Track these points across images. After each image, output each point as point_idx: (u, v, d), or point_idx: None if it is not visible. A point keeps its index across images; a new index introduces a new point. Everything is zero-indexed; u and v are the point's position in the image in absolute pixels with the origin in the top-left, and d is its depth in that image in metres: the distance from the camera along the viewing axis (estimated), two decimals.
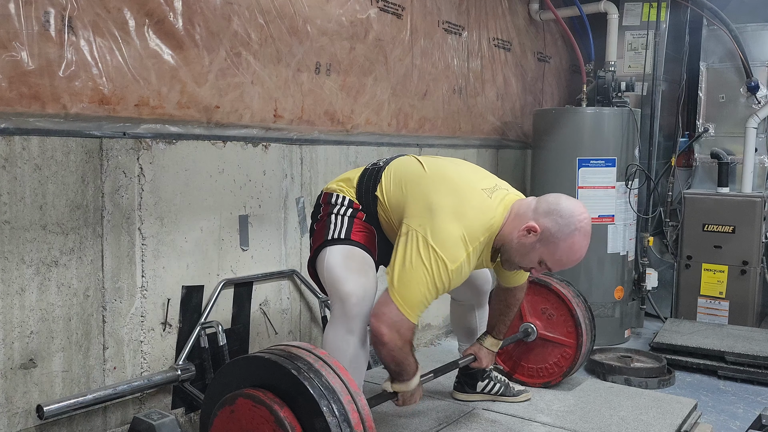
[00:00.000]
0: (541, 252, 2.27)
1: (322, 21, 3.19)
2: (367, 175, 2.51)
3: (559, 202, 2.27)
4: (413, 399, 2.41)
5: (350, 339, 2.32)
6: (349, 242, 2.40)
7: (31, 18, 2.16)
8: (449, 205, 2.26)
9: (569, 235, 2.22)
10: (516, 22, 4.87)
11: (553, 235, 2.23)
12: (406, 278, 2.20)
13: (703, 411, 3.20)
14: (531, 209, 2.29)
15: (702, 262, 4.76)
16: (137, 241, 2.58)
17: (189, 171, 2.75)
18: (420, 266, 2.19)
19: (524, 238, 2.27)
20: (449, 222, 2.23)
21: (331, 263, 2.36)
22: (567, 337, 3.12)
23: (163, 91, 2.56)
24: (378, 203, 2.44)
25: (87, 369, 2.47)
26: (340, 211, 2.46)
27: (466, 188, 2.34)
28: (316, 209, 2.57)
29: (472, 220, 2.26)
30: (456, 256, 2.21)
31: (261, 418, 1.85)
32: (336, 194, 2.50)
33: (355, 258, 2.38)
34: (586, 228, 2.25)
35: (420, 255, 2.20)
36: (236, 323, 3.03)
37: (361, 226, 2.45)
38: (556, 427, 2.72)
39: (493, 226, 2.29)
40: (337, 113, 3.37)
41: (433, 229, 2.22)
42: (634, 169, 4.38)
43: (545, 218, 2.24)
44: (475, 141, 4.56)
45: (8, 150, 2.19)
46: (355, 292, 2.29)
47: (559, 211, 2.23)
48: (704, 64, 5.03)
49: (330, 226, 2.43)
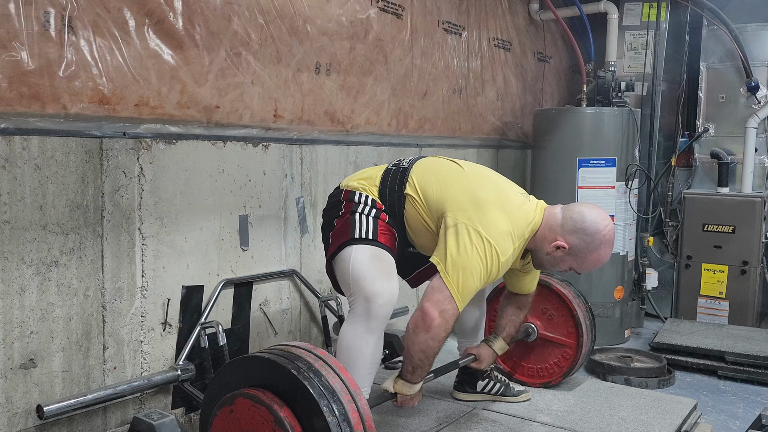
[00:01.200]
0: (570, 262, 2.44)
1: (322, 21, 3.19)
2: (391, 175, 2.53)
3: (584, 219, 2.38)
4: (412, 402, 2.45)
5: (369, 338, 2.33)
6: (376, 243, 2.42)
7: (31, 18, 2.16)
8: (496, 200, 2.37)
9: (596, 250, 2.38)
10: (516, 22, 4.87)
11: (581, 251, 2.39)
12: (461, 266, 2.26)
13: (703, 411, 3.20)
14: (558, 224, 2.41)
15: (702, 262, 4.76)
16: (137, 241, 2.58)
17: (189, 171, 2.75)
18: (475, 255, 2.26)
19: (554, 253, 2.41)
20: (498, 215, 2.32)
21: (359, 261, 2.37)
22: (567, 337, 3.12)
23: (163, 91, 2.56)
24: (407, 201, 2.47)
25: (87, 369, 2.47)
26: (364, 210, 2.47)
27: (507, 188, 2.49)
28: (336, 205, 2.55)
29: (518, 218, 2.37)
30: (506, 248, 2.31)
31: (260, 417, 1.85)
32: (359, 193, 2.50)
33: (383, 260, 2.40)
34: (611, 238, 2.39)
35: (474, 244, 2.27)
36: (236, 323, 3.03)
37: (385, 229, 2.47)
38: (556, 427, 2.72)
39: (534, 227, 2.41)
40: (337, 113, 3.36)
41: (483, 221, 2.30)
42: (634, 169, 4.38)
43: (572, 236, 2.38)
44: (475, 141, 4.56)
45: (8, 150, 2.19)
46: (382, 293, 2.30)
47: (585, 229, 2.37)
48: (704, 64, 5.04)
49: (355, 225, 2.44)
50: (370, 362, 2.35)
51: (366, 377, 2.36)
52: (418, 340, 2.30)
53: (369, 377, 2.39)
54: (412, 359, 2.34)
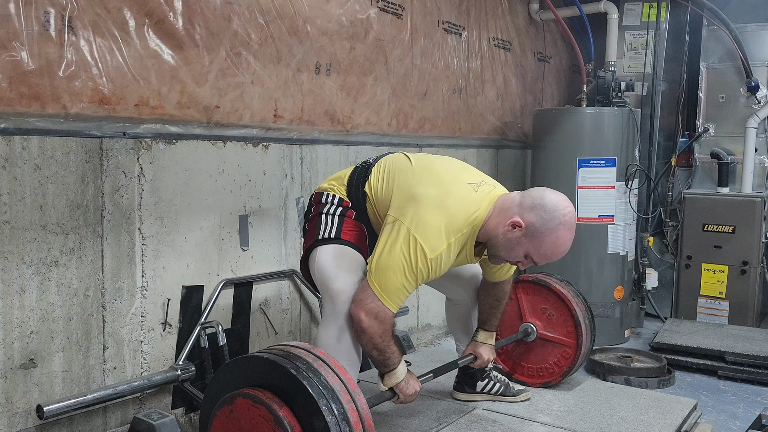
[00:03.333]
0: (526, 246, 2.29)
1: (322, 21, 3.19)
2: (357, 173, 2.53)
3: (543, 196, 2.29)
4: (409, 390, 2.38)
5: (343, 337, 2.32)
6: (339, 241, 2.42)
7: (31, 18, 2.16)
8: (433, 196, 2.29)
9: (554, 230, 2.24)
10: (516, 22, 4.87)
11: (537, 230, 2.25)
12: (384, 265, 2.22)
13: (703, 411, 3.20)
14: (516, 204, 2.30)
15: (702, 262, 4.76)
16: (137, 241, 2.58)
17: (189, 171, 2.75)
18: (398, 254, 2.21)
19: (510, 233, 2.28)
20: (432, 212, 2.25)
21: (322, 262, 2.38)
22: (567, 337, 3.12)
23: (163, 91, 2.57)
24: (366, 199, 2.46)
25: (87, 369, 2.47)
26: (330, 210, 2.48)
27: (451, 181, 2.37)
28: (308, 209, 2.60)
29: (456, 212, 2.28)
30: (435, 245, 2.23)
31: (260, 417, 1.85)
32: (327, 193, 2.52)
33: (345, 257, 2.40)
34: (571, 221, 2.27)
35: (399, 243, 2.22)
36: (236, 323, 3.03)
37: (351, 225, 2.46)
38: (556, 427, 2.72)
39: (477, 219, 2.31)
40: (337, 113, 3.37)
41: (415, 218, 2.24)
42: (634, 169, 4.38)
43: (530, 213, 2.26)
44: (475, 141, 4.56)
45: (8, 150, 2.19)
46: (345, 289, 2.30)
47: (544, 205, 2.25)
48: (704, 64, 5.03)
49: (321, 226, 2.45)
50: (347, 360, 2.31)
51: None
52: (363, 342, 2.29)
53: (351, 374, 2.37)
54: (371, 356, 2.33)
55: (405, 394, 2.37)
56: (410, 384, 2.39)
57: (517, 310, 3.21)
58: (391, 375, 2.36)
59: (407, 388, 2.38)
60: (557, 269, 3.92)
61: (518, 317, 3.21)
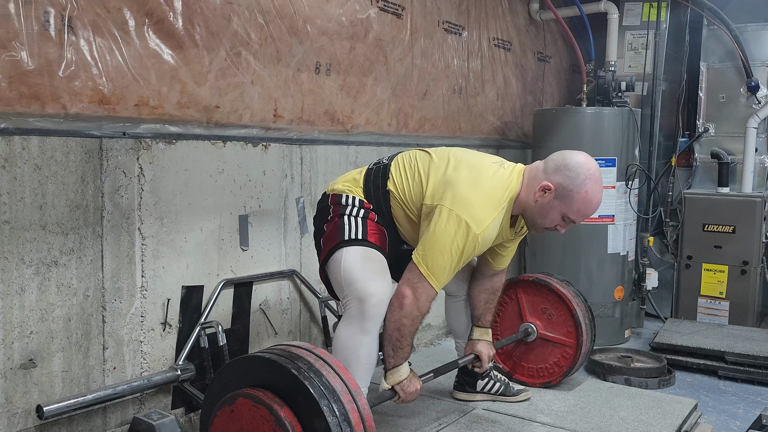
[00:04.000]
0: (560, 208, 2.39)
1: (322, 21, 3.19)
2: (373, 174, 2.56)
3: (565, 157, 2.40)
4: (410, 388, 2.41)
5: (364, 339, 2.33)
6: (367, 243, 2.43)
7: (31, 18, 2.16)
8: (466, 177, 2.39)
9: (582, 185, 2.34)
10: (516, 22, 4.87)
11: (567, 189, 2.35)
12: (430, 246, 2.30)
13: (704, 411, 3.20)
14: (540, 171, 2.42)
15: (702, 262, 4.76)
16: (137, 241, 2.58)
17: (189, 171, 2.75)
18: (444, 233, 2.29)
19: (541, 199, 2.39)
20: (470, 191, 2.34)
21: (350, 263, 2.38)
22: (567, 337, 3.12)
23: (162, 91, 2.56)
24: (391, 197, 2.49)
25: (87, 369, 2.47)
26: (352, 212, 2.48)
27: (477, 162, 2.48)
28: (324, 210, 2.56)
29: (492, 189, 2.38)
30: (480, 219, 2.30)
31: (261, 418, 1.85)
32: (346, 194, 2.52)
33: (374, 260, 2.41)
34: (596, 175, 2.38)
35: (443, 223, 2.30)
36: (236, 323, 3.03)
37: (375, 228, 2.48)
38: (556, 427, 2.72)
39: (512, 191, 2.41)
40: (337, 113, 3.36)
41: (455, 199, 2.32)
42: (634, 169, 4.38)
43: (555, 175, 2.37)
44: (475, 141, 4.56)
45: (8, 150, 2.19)
46: (375, 293, 2.31)
47: (567, 164, 2.36)
48: (704, 64, 5.03)
49: (345, 227, 2.45)
50: (365, 363, 2.35)
51: (363, 378, 2.35)
52: (393, 318, 2.33)
53: (366, 378, 2.39)
54: (390, 339, 2.36)
55: (406, 392, 2.40)
56: (412, 382, 2.43)
57: (517, 310, 3.21)
58: (395, 372, 2.39)
59: (409, 386, 2.41)
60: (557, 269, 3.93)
61: (518, 317, 3.21)
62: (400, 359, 2.39)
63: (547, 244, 4.41)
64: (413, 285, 2.31)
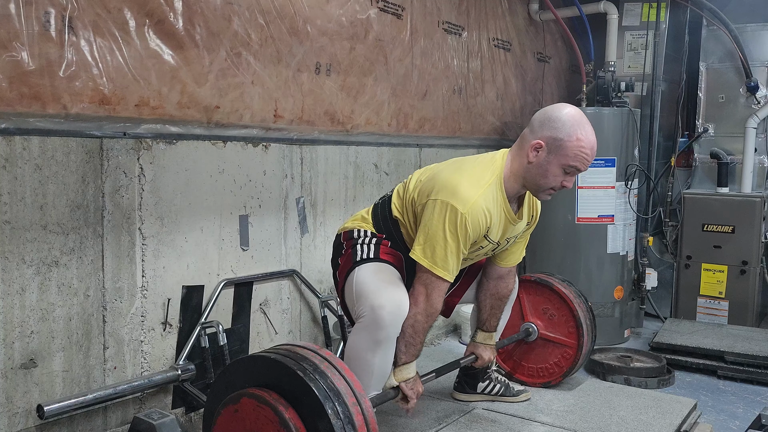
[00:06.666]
0: (557, 160, 2.36)
1: (322, 21, 3.19)
2: (380, 207, 2.62)
3: (546, 111, 2.42)
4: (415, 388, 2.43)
5: (376, 349, 2.31)
6: (378, 260, 2.45)
7: (31, 18, 2.16)
8: (449, 167, 2.45)
9: (571, 131, 2.32)
10: (516, 22, 4.87)
11: (557, 139, 2.33)
12: (426, 238, 2.33)
13: (703, 411, 3.20)
14: (526, 135, 2.43)
15: (702, 262, 4.76)
16: (137, 241, 2.58)
17: (189, 171, 2.75)
18: (434, 221, 2.31)
19: (536, 159, 2.37)
20: (452, 176, 2.37)
21: (362, 278, 2.39)
22: (568, 337, 3.12)
23: (163, 91, 2.56)
24: (399, 224, 2.53)
25: (87, 369, 2.47)
26: (365, 240, 2.52)
27: (461, 159, 2.55)
28: (338, 248, 2.61)
29: (473, 167, 2.42)
30: (465, 198, 2.30)
31: (265, 418, 1.85)
32: (357, 229, 2.57)
33: (386, 272, 2.43)
34: (582, 118, 2.36)
35: (431, 212, 2.32)
36: (236, 323, 3.03)
37: (389, 251, 2.51)
38: (556, 427, 2.72)
39: (496, 166, 2.42)
40: (337, 113, 3.37)
41: (439, 189, 2.34)
42: (634, 169, 4.38)
43: (542, 131, 2.37)
44: (475, 141, 4.56)
45: (8, 150, 2.19)
46: (387, 303, 2.29)
47: (550, 117, 2.37)
48: (704, 64, 5.03)
49: (357, 253, 2.48)
50: (376, 374, 2.34)
51: (371, 390, 2.34)
52: (409, 314, 2.34)
53: (377, 386, 2.39)
54: (404, 335, 2.36)
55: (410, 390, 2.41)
56: (417, 382, 2.45)
57: (518, 309, 3.21)
58: (404, 369, 2.40)
59: (415, 385, 2.43)
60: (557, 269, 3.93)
61: (519, 317, 3.21)
62: (411, 356, 2.40)
63: (547, 244, 4.41)
64: (424, 282, 2.34)
